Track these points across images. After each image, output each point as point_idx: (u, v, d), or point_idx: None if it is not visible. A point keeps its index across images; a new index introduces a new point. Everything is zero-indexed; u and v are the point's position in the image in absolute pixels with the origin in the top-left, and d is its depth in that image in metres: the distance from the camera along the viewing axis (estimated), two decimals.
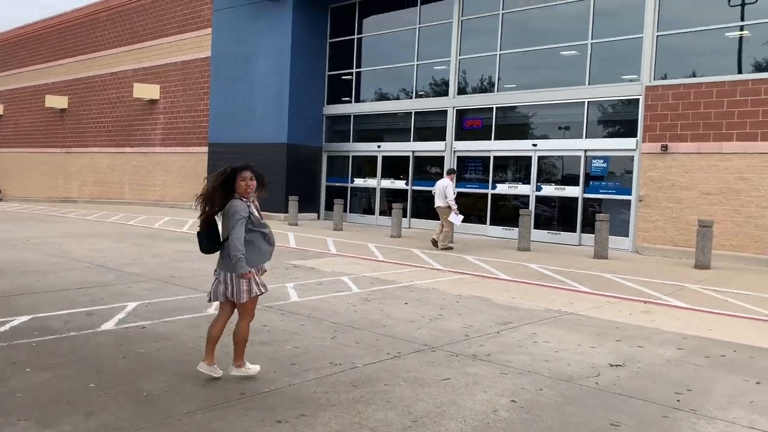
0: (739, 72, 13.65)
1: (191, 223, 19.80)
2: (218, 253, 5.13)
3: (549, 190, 16.72)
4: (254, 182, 4.97)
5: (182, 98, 26.82)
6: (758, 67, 13.51)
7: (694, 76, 14.23)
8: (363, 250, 14.42)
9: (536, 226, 16.41)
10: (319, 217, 22.01)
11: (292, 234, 17.35)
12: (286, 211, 20.29)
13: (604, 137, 15.83)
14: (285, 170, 20.96)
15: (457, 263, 12.71)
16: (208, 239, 5.03)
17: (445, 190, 14.69)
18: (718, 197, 13.72)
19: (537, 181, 16.99)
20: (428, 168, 19.80)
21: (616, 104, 15.72)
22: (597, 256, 13.74)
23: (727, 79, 13.66)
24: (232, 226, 4.83)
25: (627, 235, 15.18)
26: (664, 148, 14.40)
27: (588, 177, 16.03)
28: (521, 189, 17.33)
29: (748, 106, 13.33)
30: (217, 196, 4.92)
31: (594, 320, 7.99)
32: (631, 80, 15.28)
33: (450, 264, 12.57)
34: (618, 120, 15.75)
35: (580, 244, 15.93)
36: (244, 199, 4.95)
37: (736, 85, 13.48)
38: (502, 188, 17.69)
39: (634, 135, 15.11)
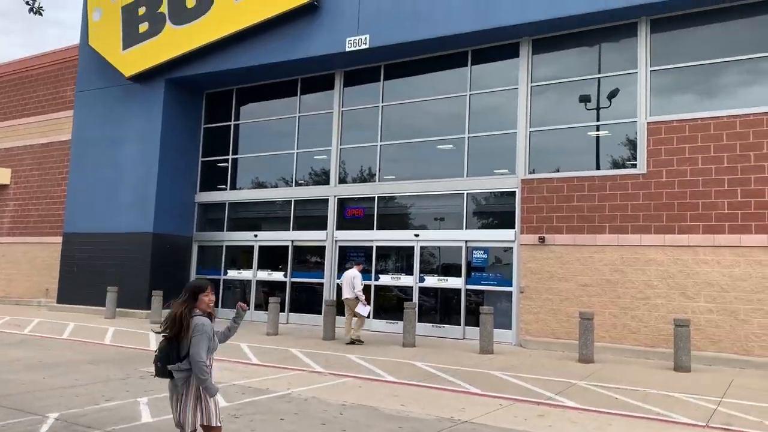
0: (616, 167, 14.26)
1: (37, 322, 17.33)
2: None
3: (432, 281, 16.35)
4: (213, 296, 5.27)
5: (36, 184, 24.42)
6: (616, 164, 14.21)
7: (567, 170, 14.71)
8: (235, 351, 13.03)
9: (420, 319, 15.83)
10: None
11: (154, 335, 15.55)
12: (149, 307, 18.38)
13: (484, 228, 15.86)
14: (149, 262, 19.18)
15: (339, 364, 11.69)
16: (168, 360, 4.92)
17: (353, 280, 14.61)
18: (596, 288, 13.91)
19: (420, 272, 16.59)
20: (309, 258, 18.91)
21: (494, 196, 15.91)
22: (483, 350, 13.28)
23: (598, 174, 14.22)
24: (195, 344, 4.87)
25: (510, 328, 14.95)
26: (542, 239, 14.57)
27: (470, 268, 15.86)
28: (404, 280, 16.84)
29: (617, 200, 13.85)
30: (184, 320, 4.94)
31: (492, 429, 7.26)
32: (507, 173, 15.57)
33: (332, 365, 11.52)
34: (497, 212, 15.90)
35: (464, 338, 15.49)
36: (204, 315, 5.08)
37: (606, 179, 14.04)
38: (385, 279, 17.12)
39: (513, 226, 15.23)
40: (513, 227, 15.23)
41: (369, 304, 15.18)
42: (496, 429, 7.31)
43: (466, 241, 15.87)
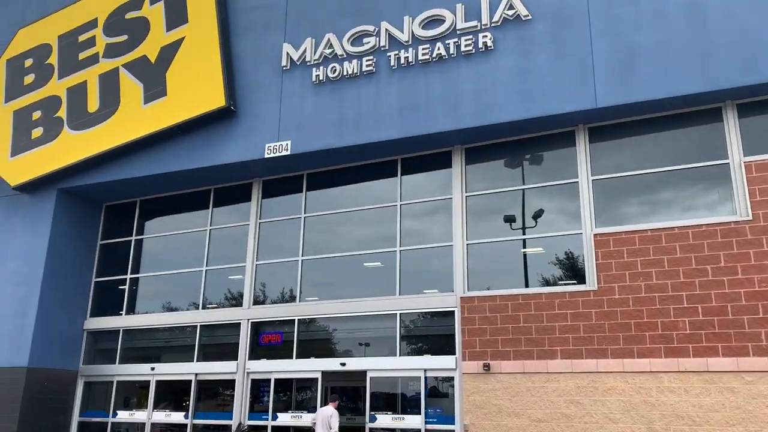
0: (563, 283, 12.89)
1: None
2: None
3: (385, 420, 13.93)
4: None
5: None
6: (563, 280, 12.90)
7: (510, 287, 13.23)
8: None
9: None
10: None
11: None
12: None
13: (420, 354, 13.88)
14: (20, 403, 15.82)
15: None
16: None
17: (329, 419, 12.98)
18: (551, 425, 12.01)
19: (370, 409, 14.25)
20: (217, 394, 16.14)
21: (430, 317, 14.11)
22: None
23: (544, 291, 12.79)
24: None
25: None
26: (486, 367, 12.74)
27: (404, 401, 13.69)
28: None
29: (568, 320, 12.37)
30: None
31: None
32: (444, 291, 13.92)
33: None
34: (435, 335, 14.05)
35: None
36: None
37: (554, 297, 12.60)
38: (308, 419, 14.58)
39: (453, 352, 13.37)
40: (453, 353, 13.36)
41: None
42: None
43: (399, 369, 13.81)
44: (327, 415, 13.06)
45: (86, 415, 17.22)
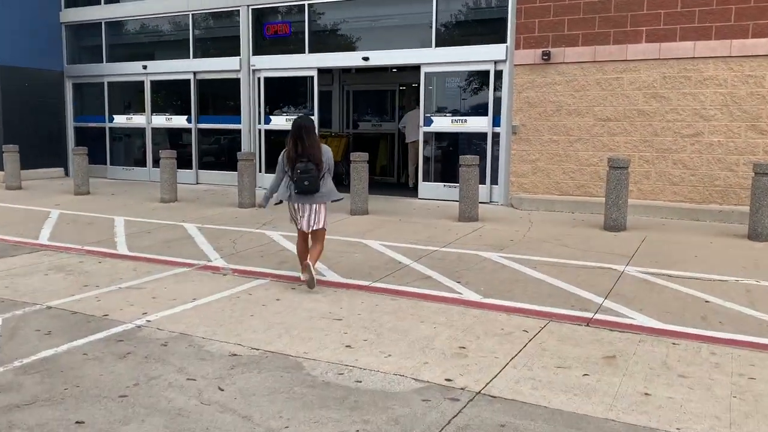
0: None
1: None
2: None
3: (442, 123, 11.84)
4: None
5: None
6: None
7: None
8: (100, 231, 8.71)
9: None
10: (67, 173, 15.35)
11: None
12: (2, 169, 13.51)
13: (461, 45, 11.14)
14: (0, 105, 13.95)
15: (253, 249, 7.49)
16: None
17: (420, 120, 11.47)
18: (623, 124, 9.75)
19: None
20: (219, 96, 14.03)
21: None
22: (464, 217, 9.23)
23: None
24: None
25: (496, 183, 10.88)
26: (546, 56, 10.09)
27: (443, 100, 11.42)
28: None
29: None
30: None
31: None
32: None
33: (241, 252, 7.32)
34: (480, 19, 11.16)
35: (420, 197, 11.39)
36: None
37: None
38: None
39: (503, 40, 10.62)
40: (504, 41, 10.61)
41: None
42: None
43: (436, 63, 11.25)
44: (418, 116, 11.69)
45: (80, 120, 15.49)
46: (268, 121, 13.11)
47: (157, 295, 5.72)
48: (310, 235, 6.00)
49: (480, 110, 10.97)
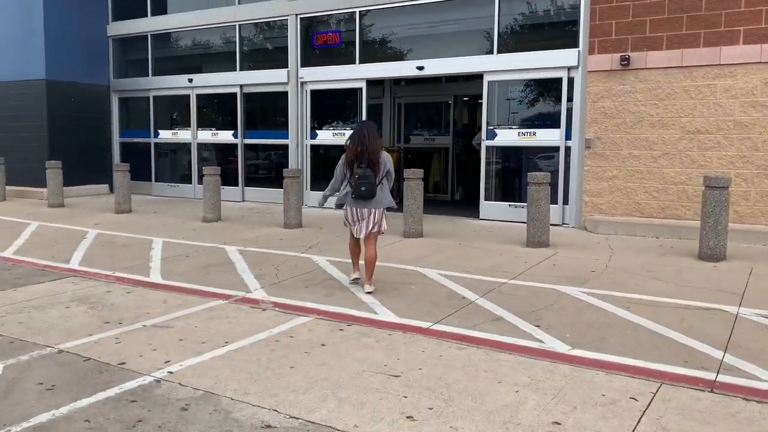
0: None
1: None
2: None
3: (508, 136, 10.92)
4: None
5: None
6: None
7: None
8: (136, 254, 8.09)
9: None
10: (112, 190, 14.94)
11: (35, 224, 10.48)
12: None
13: (526, 51, 10.15)
14: (45, 120, 13.67)
15: (299, 280, 6.64)
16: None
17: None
18: (715, 137, 8.57)
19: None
20: (267, 110, 13.41)
21: None
22: (533, 242, 8.19)
23: None
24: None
25: (567, 203, 9.80)
26: (625, 61, 9.01)
27: (505, 112, 10.44)
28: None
29: None
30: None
31: None
32: None
33: (285, 285, 6.48)
34: (549, 23, 10.15)
35: (481, 217, 10.38)
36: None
37: None
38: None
39: (575, 44, 9.59)
40: (575, 45, 9.58)
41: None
42: None
43: (499, 71, 10.29)
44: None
45: (126, 135, 15.12)
46: (314, 136, 12.37)
47: (186, 336, 4.92)
48: (362, 240, 6.09)
49: (549, 122, 9.93)
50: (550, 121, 9.93)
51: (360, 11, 11.61)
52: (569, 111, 9.65)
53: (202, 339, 4.84)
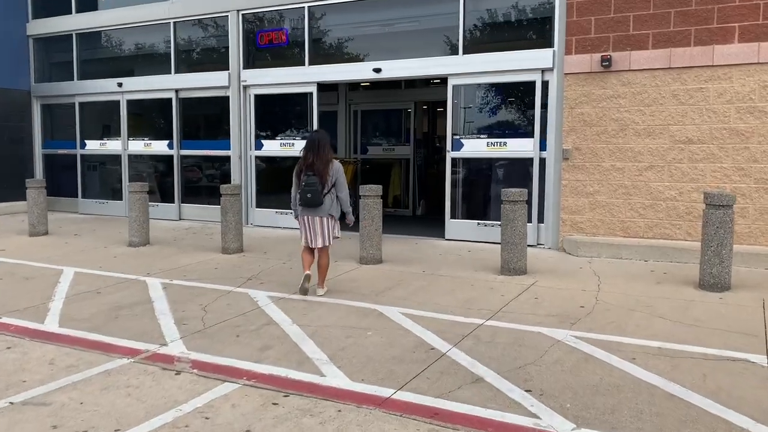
0: None
1: None
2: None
3: (475, 146, 9.76)
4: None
5: None
6: None
7: None
8: (37, 290, 6.66)
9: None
10: None
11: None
12: None
13: (497, 51, 9.08)
14: None
15: (228, 318, 5.33)
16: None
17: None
18: (708, 147, 7.63)
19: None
20: (206, 117, 12.04)
21: None
22: (508, 269, 7.07)
23: None
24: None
25: (542, 221, 8.74)
26: (606, 62, 8.02)
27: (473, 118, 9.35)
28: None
29: None
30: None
31: None
32: None
33: (210, 327, 5.17)
34: (518, 19, 9.08)
35: (447, 238, 9.25)
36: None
37: None
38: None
39: (550, 43, 8.56)
40: (550, 45, 8.56)
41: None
42: None
43: (457, 75, 9.20)
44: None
45: (49, 146, 13.53)
46: (260, 147, 11.08)
47: (62, 420, 3.59)
48: (316, 249, 6.16)
49: (521, 131, 8.87)
50: (522, 129, 8.87)
51: (309, 6, 10.39)
52: (544, 118, 8.60)
53: (83, 426, 3.53)
